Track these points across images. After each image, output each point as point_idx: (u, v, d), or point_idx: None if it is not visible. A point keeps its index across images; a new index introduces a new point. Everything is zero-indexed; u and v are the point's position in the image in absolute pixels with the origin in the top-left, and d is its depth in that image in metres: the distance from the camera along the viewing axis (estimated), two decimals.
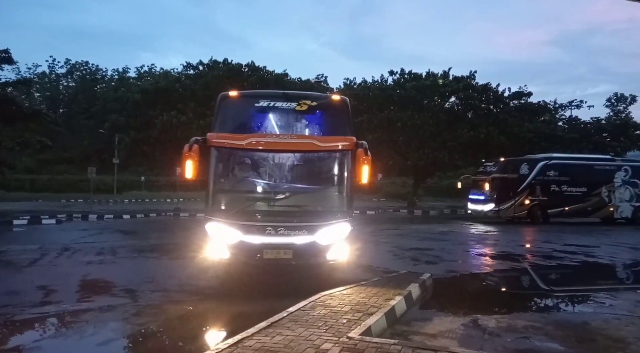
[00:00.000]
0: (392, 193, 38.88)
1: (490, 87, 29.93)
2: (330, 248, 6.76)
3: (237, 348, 4.02)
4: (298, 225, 6.70)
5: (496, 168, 20.75)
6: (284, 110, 7.39)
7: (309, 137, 7.15)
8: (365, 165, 6.57)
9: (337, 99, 7.71)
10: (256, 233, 6.61)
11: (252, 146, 6.89)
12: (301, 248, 6.66)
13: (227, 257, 6.70)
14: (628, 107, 45.91)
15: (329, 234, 6.73)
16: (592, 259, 11.03)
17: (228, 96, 7.45)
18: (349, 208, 7.10)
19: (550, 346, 4.74)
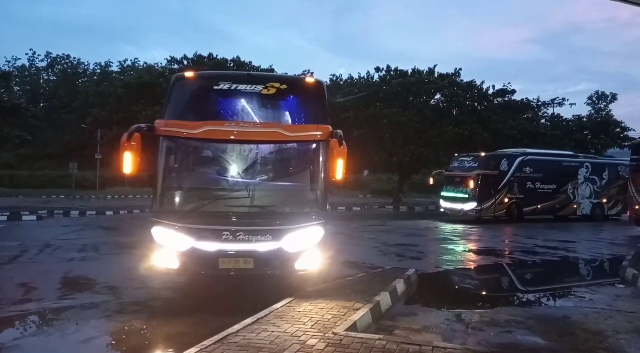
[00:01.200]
0: (378, 189, 39.07)
1: (474, 84, 30.22)
2: (299, 256, 5.79)
3: (222, 344, 4.00)
4: (261, 229, 5.71)
5: (477, 163, 18.84)
6: (247, 94, 6.41)
7: (275, 126, 6.13)
8: (340, 158, 5.61)
9: (311, 81, 6.68)
10: (210, 238, 5.63)
11: (207, 135, 5.86)
12: (264, 257, 5.68)
13: (175, 266, 5.72)
14: (609, 105, 46.95)
15: (299, 240, 5.77)
16: (572, 254, 11.26)
17: (183, 77, 6.53)
18: (322, 208, 6.09)
19: (532, 340, 4.82)
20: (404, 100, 29.01)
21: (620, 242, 13.43)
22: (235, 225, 5.70)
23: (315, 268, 5.98)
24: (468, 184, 18.76)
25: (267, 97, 6.43)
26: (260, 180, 6.29)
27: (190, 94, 6.55)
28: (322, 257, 6.01)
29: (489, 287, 8.32)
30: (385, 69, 30.61)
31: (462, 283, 8.41)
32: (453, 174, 19.96)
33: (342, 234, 13.97)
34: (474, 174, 18.60)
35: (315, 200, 6.16)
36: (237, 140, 6.00)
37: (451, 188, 19.76)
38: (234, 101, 6.47)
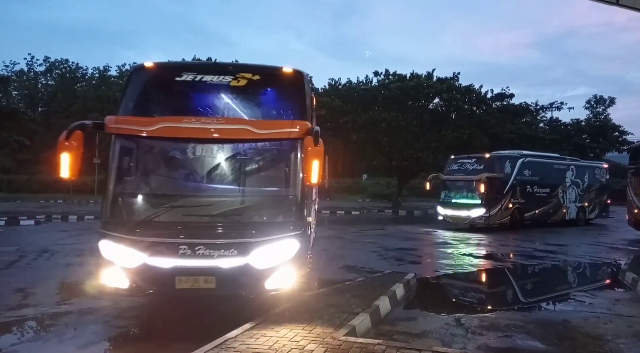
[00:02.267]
0: (377, 193, 39.07)
1: (473, 88, 30.34)
2: (270, 274, 5.00)
3: (221, 350, 3.98)
4: (225, 242, 4.93)
5: (483, 165, 17.11)
6: (214, 87, 5.61)
7: (243, 122, 5.27)
8: (315, 159, 4.78)
9: (289, 71, 5.78)
10: (165, 253, 4.88)
11: (162, 133, 5.08)
12: (228, 275, 4.91)
13: (125, 286, 4.97)
14: (607, 109, 47.04)
15: (269, 254, 5.00)
16: (572, 258, 11.25)
17: (142, 68, 5.79)
18: (299, 218, 5.29)
19: (532, 344, 4.81)
20: (403, 105, 29.13)
21: (620, 246, 13.43)
22: (195, 237, 4.95)
23: (289, 287, 5.13)
24: (475, 188, 17.01)
25: (237, 89, 5.64)
26: (224, 185, 5.46)
27: (149, 87, 5.78)
28: (297, 274, 5.17)
29: (488, 292, 8.30)
30: (383, 73, 30.76)
31: (461, 287, 8.39)
32: (454, 178, 18.05)
33: (341, 238, 13.97)
34: (483, 176, 16.70)
35: (291, 208, 5.35)
36: (197, 138, 5.22)
37: (452, 194, 17.99)
38: (198, 94, 5.67)
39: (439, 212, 18.45)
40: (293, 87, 5.80)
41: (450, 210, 17.84)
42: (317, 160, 4.83)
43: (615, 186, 22.98)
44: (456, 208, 17.63)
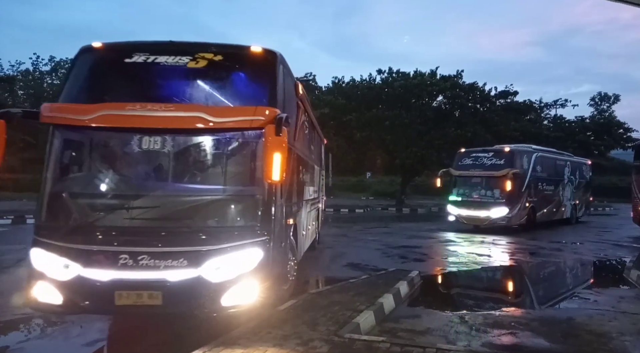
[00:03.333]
0: (380, 191, 39.04)
1: (477, 86, 30.24)
2: (227, 288, 4.32)
3: (227, 347, 4.01)
4: (173, 250, 4.27)
5: (504, 160, 15.40)
6: (169, 69, 4.83)
7: (196, 109, 4.46)
8: (275, 152, 4.13)
9: (257, 51, 4.97)
10: (103, 264, 4.24)
11: (101, 122, 4.38)
12: (177, 289, 4.25)
13: (59, 302, 4.32)
14: (611, 106, 46.84)
15: (227, 265, 4.33)
16: (576, 256, 11.22)
17: (89, 49, 4.98)
18: (265, 221, 4.57)
19: (536, 342, 4.81)
20: (406, 102, 29.08)
21: (624, 244, 13.37)
22: (137, 245, 4.29)
23: (250, 303, 4.42)
24: (497, 185, 15.30)
25: (195, 71, 4.88)
26: (175, 183, 4.80)
27: (94, 70, 5.01)
28: (261, 288, 4.44)
29: (492, 289, 8.29)
30: (387, 72, 30.68)
31: (465, 285, 8.39)
32: (470, 173, 16.10)
33: (345, 236, 13.98)
34: (509, 172, 14.99)
35: (254, 210, 4.62)
36: (142, 128, 4.46)
37: (467, 191, 16.06)
38: (150, 78, 4.97)
39: (451, 212, 16.38)
40: (262, 69, 5.00)
41: (466, 209, 15.86)
42: (278, 152, 4.15)
43: (620, 184, 22.87)
44: (473, 207, 15.67)
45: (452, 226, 16.28)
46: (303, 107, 6.97)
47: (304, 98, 7.31)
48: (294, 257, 6.17)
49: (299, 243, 6.86)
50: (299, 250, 7.12)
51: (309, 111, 8.53)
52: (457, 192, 16.45)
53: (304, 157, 7.57)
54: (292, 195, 6.03)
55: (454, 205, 16.35)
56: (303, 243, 7.75)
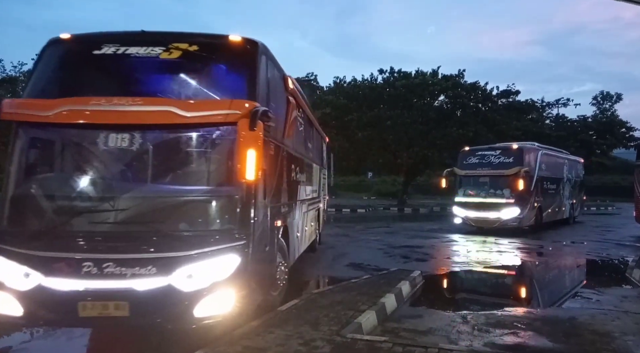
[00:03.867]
0: (382, 191, 39.08)
1: (478, 85, 30.24)
2: (200, 298, 4.01)
3: (229, 346, 4.01)
4: (141, 257, 3.97)
5: (513, 158, 14.72)
6: (140, 61, 4.54)
7: (166, 103, 4.15)
8: (250, 148, 3.94)
9: (236, 41, 4.66)
10: (65, 272, 3.93)
11: (63, 119, 4.12)
12: (146, 300, 3.94)
13: (20, 313, 4.02)
14: (614, 105, 46.75)
15: (199, 273, 4.00)
16: (579, 256, 11.20)
17: (57, 41, 4.70)
18: (243, 224, 4.24)
19: (538, 341, 4.80)
20: (408, 102, 29.09)
21: (627, 243, 13.35)
22: (103, 251, 3.98)
23: (226, 314, 4.12)
24: (507, 185, 14.57)
25: (168, 63, 4.56)
26: (143, 184, 4.43)
27: (61, 64, 4.75)
28: (239, 296, 4.13)
29: (494, 288, 8.28)
30: (388, 71, 30.70)
31: (467, 284, 8.39)
32: (477, 172, 15.32)
33: (347, 236, 14.00)
34: (520, 170, 14.35)
35: (231, 212, 4.28)
36: (108, 124, 4.20)
37: (475, 191, 15.24)
38: (119, 71, 4.69)
39: (457, 214, 15.58)
40: (241, 60, 4.70)
41: (474, 211, 15.00)
42: (252, 149, 3.92)
43: (622, 183, 22.79)
44: (481, 208, 14.82)
45: (454, 226, 16.26)
46: (296, 103, 6.60)
47: (296, 93, 6.97)
48: (284, 261, 5.87)
49: (291, 246, 6.54)
50: (292, 253, 6.78)
51: (305, 107, 8.28)
52: (463, 192, 15.59)
53: (297, 155, 7.26)
54: (280, 195, 5.75)
55: (460, 206, 15.50)
56: (298, 245, 7.44)
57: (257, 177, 4.10)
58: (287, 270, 6.08)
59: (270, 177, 4.99)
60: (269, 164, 4.97)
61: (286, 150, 6.11)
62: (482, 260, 10.16)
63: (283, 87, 5.94)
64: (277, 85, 5.53)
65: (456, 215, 15.64)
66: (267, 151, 4.79)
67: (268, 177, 4.87)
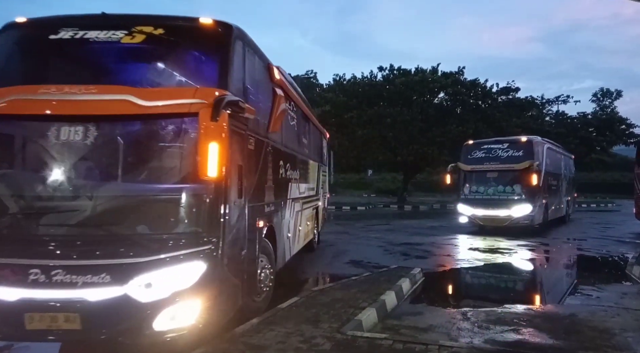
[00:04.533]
0: (382, 188, 39.11)
1: (478, 82, 30.19)
2: (161, 309, 3.60)
3: (230, 344, 4.02)
4: (93, 264, 3.55)
5: (523, 151, 13.81)
6: (100, 46, 4.14)
7: (123, 91, 3.73)
8: (212, 141, 3.45)
9: (208, 24, 4.29)
10: (10, 280, 3.56)
11: (10, 110, 3.75)
12: (99, 311, 3.52)
13: None
14: (614, 102, 46.76)
15: (160, 281, 3.59)
16: (579, 252, 11.22)
17: (12, 25, 4.37)
18: (211, 225, 3.82)
19: (539, 338, 4.81)
20: (408, 100, 29.07)
21: (627, 240, 13.36)
22: (51, 257, 3.57)
23: (191, 326, 3.70)
24: (518, 180, 13.66)
25: (130, 48, 4.16)
26: (98, 181, 3.99)
27: (15, 50, 4.38)
28: (205, 307, 3.72)
29: (495, 285, 8.29)
30: (388, 69, 30.69)
31: (467, 281, 8.39)
32: (484, 167, 14.27)
33: (347, 234, 14.01)
34: (530, 164, 13.47)
35: (197, 213, 3.88)
36: (59, 115, 3.79)
37: (482, 188, 14.25)
38: (77, 57, 4.28)
39: (463, 212, 14.54)
40: (213, 45, 4.31)
41: (482, 209, 13.98)
42: (215, 142, 3.45)
43: (622, 180, 22.77)
44: (490, 206, 13.81)
45: (455, 223, 16.23)
46: (285, 95, 6.14)
47: (286, 85, 6.50)
48: (269, 264, 5.43)
49: (280, 248, 6.18)
50: (282, 255, 6.42)
51: (298, 101, 7.92)
52: (469, 189, 14.54)
53: (287, 151, 6.90)
54: (264, 193, 5.42)
55: (466, 204, 14.44)
56: (289, 246, 7.07)
57: (222, 174, 3.68)
58: (274, 274, 5.62)
59: (249, 174, 4.68)
60: (248, 159, 4.66)
61: (272, 145, 5.78)
62: (482, 257, 10.17)
63: (267, 77, 5.58)
64: (258, 75, 5.19)
65: (461, 213, 14.61)
66: (243, 145, 4.51)
67: (246, 174, 4.55)
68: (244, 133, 4.47)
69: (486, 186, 14.22)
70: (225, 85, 4.06)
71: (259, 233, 5.07)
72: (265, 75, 5.51)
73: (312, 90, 38.18)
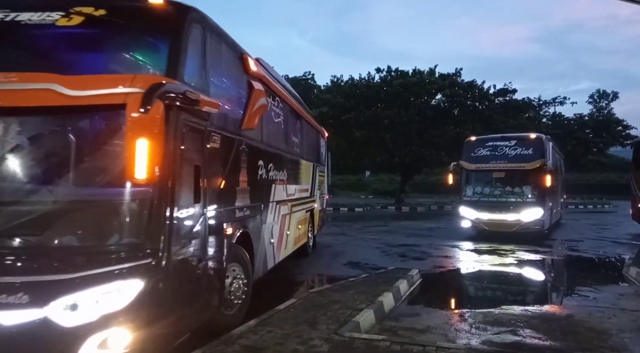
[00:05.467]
0: (380, 190, 39.17)
1: (475, 84, 30.28)
2: (87, 335, 3.05)
3: (227, 346, 4.01)
4: (8, 281, 3.06)
5: (532, 149, 12.62)
6: (32, 29, 3.68)
7: (47, 78, 3.18)
8: (140, 137, 2.93)
9: (159, 4, 3.76)
10: None
11: None
12: (15, 336, 3.02)
13: None
14: (610, 103, 46.94)
15: (87, 302, 3.07)
16: (576, 253, 11.24)
17: None
18: (152, 235, 3.24)
19: (536, 339, 4.81)
20: (405, 101, 29.13)
21: (623, 241, 13.40)
22: None
23: None
24: (527, 181, 12.50)
25: (66, 32, 3.66)
26: (16, 184, 3.44)
27: None
28: (143, 332, 3.15)
29: (492, 287, 8.30)
30: (386, 70, 30.75)
31: (465, 283, 8.40)
32: (491, 166, 12.92)
33: (344, 235, 14.00)
34: (542, 164, 12.32)
35: (135, 221, 3.30)
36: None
37: (488, 189, 13.04)
38: (6, 41, 3.76)
39: (466, 216, 13.15)
40: (162, 28, 3.78)
41: (487, 213, 12.62)
42: (146, 138, 2.93)
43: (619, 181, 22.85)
44: (497, 209, 12.48)
45: (452, 224, 16.26)
46: (267, 89, 5.72)
47: (266, 78, 5.97)
48: (243, 274, 4.90)
49: (258, 255, 5.64)
50: (261, 263, 5.83)
51: (285, 96, 7.37)
52: (473, 190, 13.27)
53: (269, 150, 6.35)
54: (235, 196, 4.82)
55: (469, 206, 13.05)
56: (273, 253, 6.51)
57: (161, 175, 3.16)
58: (250, 284, 5.09)
59: (212, 175, 4.14)
60: (210, 159, 4.09)
61: (247, 143, 5.21)
62: (479, 258, 10.18)
63: (241, 68, 5.06)
64: (226, 66, 4.71)
65: (464, 217, 13.24)
66: (202, 143, 3.92)
67: (208, 175, 3.98)
68: (203, 129, 3.93)
69: (492, 187, 13.03)
70: (174, 73, 3.52)
71: (228, 241, 4.53)
72: (237, 67, 5.01)
73: (310, 91, 38.23)
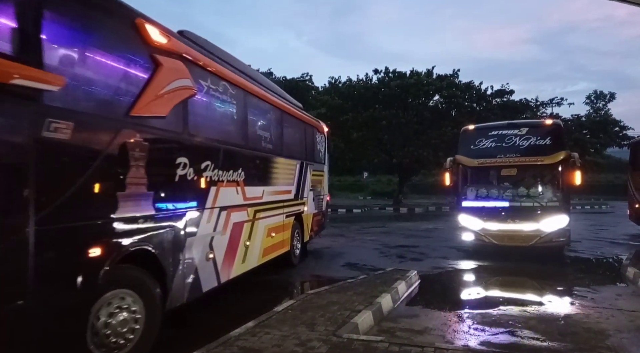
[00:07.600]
0: (378, 191, 39.20)
1: (473, 85, 30.34)
2: None
3: (225, 348, 4.00)
4: None
5: (550, 139, 9.77)
6: None
7: None
8: None
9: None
10: None
11: None
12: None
13: None
14: (607, 104, 47.09)
15: None
16: (573, 254, 11.25)
17: None
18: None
19: (534, 340, 4.82)
20: (403, 102, 29.16)
21: (621, 241, 13.43)
22: None
23: None
24: (548, 179, 10.05)
25: None
26: None
27: None
28: None
29: (490, 287, 8.30)
30: (383, 71, 30.76)
31: (463, 284, 8.40)
32: (497, 162, 9.98)
33: (342, 236, 14.00)
34: (567, 156, 9.57)
35: None
36: None
37: (494, 190, 10.37)
38: None
39: (468, 226, 10.21)
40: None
41: (495, 222, 9.80)
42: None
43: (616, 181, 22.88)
44: (509, 218, 9.72)
45: (450, 225, 16.24)
46: (201, 69, 5.07)
47: (194, 54, 4.99)
48: (140, 303, 3.84)
49: (176, 276, 4.49)
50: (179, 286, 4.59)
51: (237, 80, 6.18)
52: (475, 192, 10.42)
53: (206, 145, 5.24)
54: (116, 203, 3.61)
55: (471, 214, 10.11)
56: (212, 271, 5.35)
57: None
58: (158, 312, 4.12)
59: (50, 176, 3.03)
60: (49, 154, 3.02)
61: (145, 134, 4.01)
62: (477, 259, 10.18)
63: (135, 39, 4.01)
64: (97, 34, 3.62)
65: (465, 227, 10.25)
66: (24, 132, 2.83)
67: (40, 177, 2.90)
68: (33, 113, 2.87)
69: (500, 188, 10.35)
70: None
71: (103, 264, 3.40)
72: (126, 36, 3.96)
73: (308, 93, 38.23)
